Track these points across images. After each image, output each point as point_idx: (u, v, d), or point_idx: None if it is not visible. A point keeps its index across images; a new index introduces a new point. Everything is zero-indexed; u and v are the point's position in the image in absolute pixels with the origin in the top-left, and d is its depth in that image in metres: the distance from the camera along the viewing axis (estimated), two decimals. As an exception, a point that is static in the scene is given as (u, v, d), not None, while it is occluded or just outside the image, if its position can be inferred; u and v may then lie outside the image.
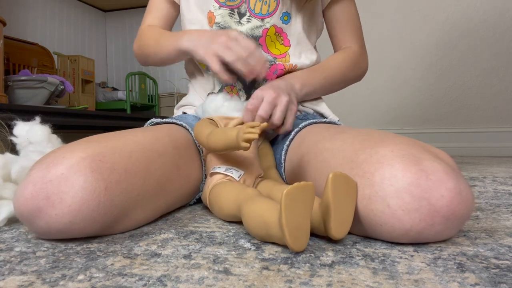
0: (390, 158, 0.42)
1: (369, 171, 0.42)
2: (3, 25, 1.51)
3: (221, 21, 0.72)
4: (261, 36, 0.72)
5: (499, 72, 1.89)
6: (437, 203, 0.39)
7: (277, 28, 0.72)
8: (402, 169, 0.40)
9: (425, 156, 0.42)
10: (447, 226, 0.40)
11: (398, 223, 0.40)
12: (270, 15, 0.71)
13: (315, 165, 0.54)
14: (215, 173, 0.57)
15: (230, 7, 0.72)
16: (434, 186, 0.39)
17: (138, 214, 0.50)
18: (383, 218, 0.40)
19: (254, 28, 0.71)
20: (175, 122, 0.69)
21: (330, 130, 0.58)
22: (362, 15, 0.85)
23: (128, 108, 2.35)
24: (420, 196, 0.39)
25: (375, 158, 0.43)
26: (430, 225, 0.39)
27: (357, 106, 2.17)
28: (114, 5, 2.82)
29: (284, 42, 0.74)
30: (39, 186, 0.42)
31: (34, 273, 0.36)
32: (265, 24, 0.71)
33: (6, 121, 0.76)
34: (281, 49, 0.74)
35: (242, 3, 0.71)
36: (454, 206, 0.39)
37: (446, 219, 0.39)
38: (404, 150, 0.42)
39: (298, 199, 0.38)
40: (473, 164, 1.38)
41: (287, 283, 0.32)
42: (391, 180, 0.40)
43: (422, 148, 0.44)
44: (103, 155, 0.46)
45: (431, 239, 0.42)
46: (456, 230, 0.42)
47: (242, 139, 0.49)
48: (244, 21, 0.72)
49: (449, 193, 0.39)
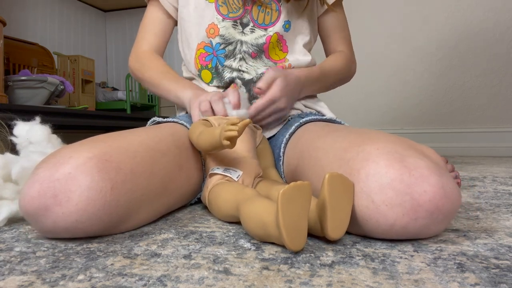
0: (375, 156, 0.43)
1: (356, 168, 0.44)
2: (3, 25, 1.51)
3: (225, 33, 0.74)
4: (265, 43, 0.75)
5: (499, 72, 1.89)
6: (420, 198, 0.40)
7: (279, 35, 0.75)
8: (386, 166, 0.41)
9: (410, 154, 0.43)
10: (431, 221, 0.41)
11: (382, 218, 0.41)
12: (273, 25, 0.75)
13: (309, 164, 0.55)
14: (214, 174, 0.57)
15: (233, 19, 0.74)
16: (416, 182, 0.40)
17: (142, 214, 0.51)
18: (368, 213, 0.41)
19: (258, 37, 0.75)
20: (176, 121, 0.69)
21: (326, 129, 0.59)
22: (362, 15, 0.87)
23: (128, 108, 2.35)
24: (403, 191, 0.40)
25: (361, 156, 0.44)
26: (413, 219, 0.40)
27: (357, 106, 2.17)
28: (114, 5, 2.81)
29: (283, 48, 0.77)
30: (46, 184, 0.43)
31: (34, 273, 0.36)
32: (268, 33, 0.75)
33: (6, 121, 0.76)
34: (280, 55, 0.77)
35: (245, 14, 0.74)
36: (437, 201, 0.40)
37: (430, 213, 0.40)
38: (390, 147, 0.43)
39: (295, 199, 0.38)
40: (473, 164, 1.38)
41: (287, 283, 0.32)
42: (375, 177, 0.41)
43: (408, 146, 0.45)
44: (110, 155, 0.47)
45: (418, 234, 0.42)
46: (443, 226, 0.43)
47: (223, 136, 0.48)
48: (248, 31, 0.75)
49: (432, 188, 0.40)
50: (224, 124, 0.49)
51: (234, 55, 0.75)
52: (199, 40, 0.77)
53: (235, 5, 0.74)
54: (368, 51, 2.10)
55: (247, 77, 0.75)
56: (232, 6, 0.74)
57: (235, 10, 0.74)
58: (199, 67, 0.78)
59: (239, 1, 0.74)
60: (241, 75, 0.75)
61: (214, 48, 0.76)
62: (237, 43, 0.75)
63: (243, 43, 0.75)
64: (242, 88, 0.75)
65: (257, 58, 0.76)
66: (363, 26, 2.08)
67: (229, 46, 0.75)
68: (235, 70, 0.75)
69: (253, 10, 0.74)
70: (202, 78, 0.78)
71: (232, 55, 0.75)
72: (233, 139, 0.49)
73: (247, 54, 0.75)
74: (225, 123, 0.49)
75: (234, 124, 0.48)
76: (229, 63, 0.75)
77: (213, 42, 0.75)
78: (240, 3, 0.74)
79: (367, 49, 2.10)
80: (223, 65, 0.76)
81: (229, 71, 0.76)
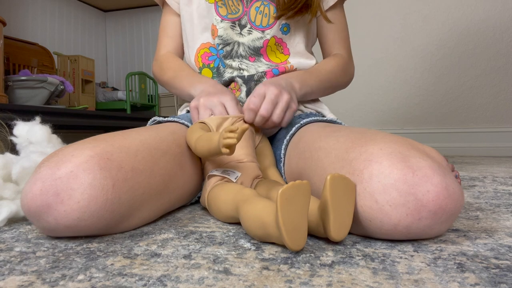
0: (378, 156, 0.43)
1: (358, 169, 0.44)
2: (3, 25, 1.51)
3: (223, 34, 0.75)
4: (262, 47, 0.75)
5: (499, 72, 1.89)
6: (423, 198, 0.40)
7: (277, 38, 0.75)
8: (389, 166, 0.41)
9: (413, 154, 0.43)
10: (435, 221, 0.41)
11: (386, 218, 0.41)
12: (270, 27, 0.74)
13: (311, 164, 0.55)
14: (212, 176, 0.57)
15: (232, 20, 0.74)
16: (420, 182, 0.40)
17: (143, 212, 0.51)
18: (372, 213, 0.41)
19: (255, 39, 0.74)
20: (177, 121, 0.69)
21: (327, 129, 0.59)
22: (362, 15, 0.86)
23: (128, 108, 2.35)
24: (407, 191, 0.40)
25: (364, 156, 0.44)
26: (417, 219, 0.40)
27: (358, 106, 2.17)
28: (114, 5, 2.82)
29: (284, 51, 0.77)
30: (49, 183, 0.43)
31: (34, 273, 0.36)
32: (265, 36, 0.74)
33: (6, 121, 0.76)
34: (281, 58, 0.77)
35: (243, 15, 0.74)
36: (440, 201, 0.40)
37: (433, 213, 0.40)
38: (393, 148, 0.43)
39: (294, 198, 0.38)
40: (473, 164, 1.38)
41: (287, 283, 0.32)
42: (378, 177, 0.41)
43: (411, 146, 0.45)
44: (111, 153, 0.47)
45: (421, 234, 0.42)
46: (447, 226, 0.43)
47: (222, 144, 0.48)
48: (245, 33, 0.74)
49: (435, 188, 0.40)
50: (222, 131, 0.48)
51: (231, 56, 0.75)
52: (204, 40, 0.77)
53: (234, 6, 0.74)
54: (368, 51, 2.11)
55: (247, 74, 0.75)
56: (231, 7, 0.74)
57: (234, 11, 0.74)
58: (200, 65, 0.78)
59: (238, 2, 0.74)
60: (241, 74, 0.75)
61: (217, 49, 0.76)
62: (234, 44, 0.75)
63: (240, 44, 0.75)
64: (243, 86, 0.75)
65: (256, 61, 0.76)
66: (363, 26, 2.08)
67: (226, 47, 0.75)
68: (236, 69, 0.76)
69: (250, 11, 0.74)
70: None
71: (230, 55, 0.75)
72: (231, 147, 0.49)
73: (245, 59, 0.75)
74: (224, 129, 0.48)
75: (232, 131, 0.48)
76: (229, 63, 0.76)
77: (215, 43, 0.76)
78: (239, 3, 0.74)
79: (367, 49, 2.10)
80: (225, 66, 0.76)
81: (229, 71, 0.76)
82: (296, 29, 0.77)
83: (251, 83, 0.74)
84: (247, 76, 0.75)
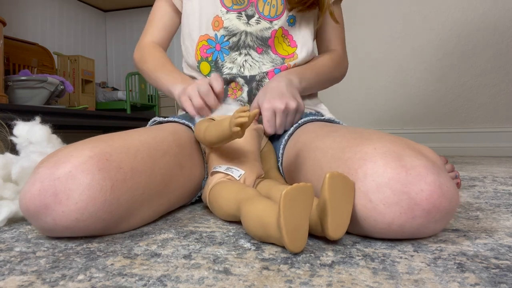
0: (373, 155, 0.43)
1: (353, 168, 0.44)
2: (3, 25, 1.51)
3: (229, 25, 0.75)
4: (270, 37, 0.75)
5: (499, 72, 1.89)
6: (417, 197, 0.40)
7: (284, 30, 0.76)
8: (383, 165, 0.42)
9: (407, 153, 0.43)
10: (429, 220, 0.41)
11: (380, 216, 0.41)
12: (278, 18, 0.75)
13: (308, 163, 0.55)
14: (215, 172, 0.57)
15: (237, 11, 0.75)
16: (413, 181, 0.40)
17: (143, 212, 0.51)
18: (366, 212, 0.42)
19: (264, 29, 0.75)
20: (177, 121, 0.69)
21: (324, 129, 0.59)
22: (362, 15, 0.87)
23: (128, 108, 2.35)
24: (400, 190, 0.40)
25: (359, 156, 0.45)
26: (411, 218, 0.40)
27: (358, 106, 2.17)
28: (114, 5, 2.81)
29: (290, 43, 0.77)
30: (47, 183, 0.43)
31: (34, 273, 0.36)
32: (273, 26, 0.75)
33: (6, 121, 0.76)
34: (288, 50, 0.77)
35: (249, 6, 0.74)
36: (434, 200, 0.40)
37: (427, 212, 0.40)
38: (387, 147, 0.44)
39: (297, 200, 0.38)
40: (473, 164, 1.38)
41: (287, 283, 0.32)
42: (372, 176, 0.42)
43: (405, 145, 0.45)
44: (110, 154, 0.47)
45: (416, 233, 0.42)
46: (442, 225, 0.43)
47: (234, 123, 0.48)
48: (253, 22, 0.75)
49: (428, 187, 0.40)
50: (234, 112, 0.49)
51: (238, 47, 0.75)
52: (202, 32, 0.77)
53: None
54: (368, 51, 2.10)
55: (248, 74, 0.75)
56: None
57: (240, 3, 0.74)
58: (199, 58, 0.78)
59: None
60: (241, 73, 0.75)
61: (218, 41, 0.76)
62: (241, 34, 0.75)
63: (248, 34, 0.75)
64: (244, 86, 0.75)
65: (263, 53, 0.76)
66: (363, 26, 2.08)
67: (233, 38, 0.75)
68: (237, 65, 0.75)
69: (258, 2, 0.74)
70: (200, 70, 0.78)
71: (236, 46, 0.75)
72: (243, 126, 0.49)
73: (252, 50, 0.75)
74: (236, 110, 0.49)
75: (244, 111, 0.48)
76: (234, 56, 0.75)
77: (217, 35, 0.75)
78: None
79: (367, 49, 2.10)
80: (223, 60, 0.76)
81: (229, 67, 0.76)
82: (302, 22, 0.78)
83: (253, 83, 0.74)
84: (249, 77, 0.75)
